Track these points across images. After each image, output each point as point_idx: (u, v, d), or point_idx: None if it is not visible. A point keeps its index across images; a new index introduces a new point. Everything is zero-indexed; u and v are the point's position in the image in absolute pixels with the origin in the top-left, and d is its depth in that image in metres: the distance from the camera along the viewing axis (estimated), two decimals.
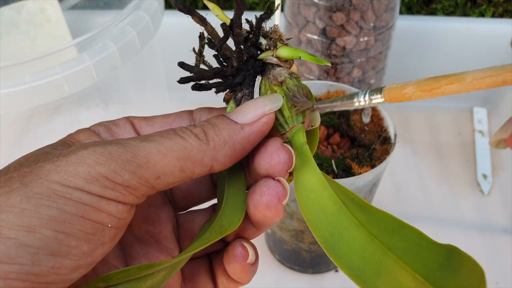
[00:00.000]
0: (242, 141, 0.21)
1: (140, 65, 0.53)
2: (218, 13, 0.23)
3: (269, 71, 0.23)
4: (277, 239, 0.51)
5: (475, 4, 0.69)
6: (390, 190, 0.61)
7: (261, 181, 0.21)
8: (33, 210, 0.17)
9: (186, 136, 0.20)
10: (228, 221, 0.22)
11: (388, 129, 0.45)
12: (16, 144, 0.55)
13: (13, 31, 0.53)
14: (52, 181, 0.17)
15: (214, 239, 0.21)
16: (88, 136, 0.22)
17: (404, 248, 0.20)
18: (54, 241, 0.17)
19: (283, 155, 0.21)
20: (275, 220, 0.22)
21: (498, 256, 0.54)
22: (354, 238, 0.20)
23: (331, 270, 0.53)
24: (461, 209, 0.59)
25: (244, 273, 0.23)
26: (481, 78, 0.17)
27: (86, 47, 0.42)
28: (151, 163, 0.19)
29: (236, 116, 0.21)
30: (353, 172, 0.43)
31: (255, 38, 0.23)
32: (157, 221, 0.25)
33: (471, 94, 0.71)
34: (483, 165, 0.63)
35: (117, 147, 0.19)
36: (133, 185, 0.18)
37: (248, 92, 0.23)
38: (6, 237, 0.16)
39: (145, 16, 0.45)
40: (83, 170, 0.18)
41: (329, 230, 0.20)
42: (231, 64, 0.23)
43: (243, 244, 0.23)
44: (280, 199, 0.21)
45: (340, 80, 0.56)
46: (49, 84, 0.40)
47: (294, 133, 0.22)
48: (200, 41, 0.23)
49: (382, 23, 0.53)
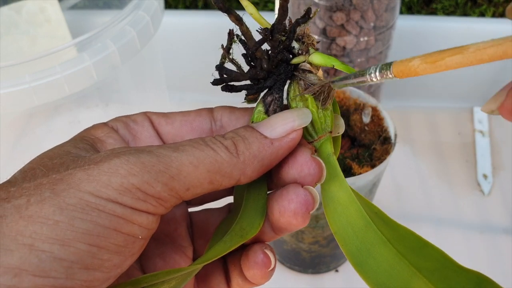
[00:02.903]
0: (271, 156, 0.21)
1: (140, 65, 0.53)
2: (252, 11, 0.22)
3: (300, 77, 0.22)
4: (277, 239, 0.51)
5: (475, 4, 0.69)
6: (390, 190, 0.61)
7: (290, 188, 0.21)
8: (67, 222, 0.16)
9: (217, 148, 0.20)
10: (249, 224, 0.21)
11: (388, 129, 0.45)
12: (16, 144, 0.55)
13: (13, 31, 0.53)
14: (84, 191, 0.17)
15: (236, 244, 0.21)
16: (107, 133, 0.22)
17: (432, 270, 0.20)
18: (87, 254, 0.17)
19: (314, 168, 0.21)
20: (299, 227, 0.21)
21: (498, 256, 0.54)
22: (382, 255, 0.20)
23: (331, 270, 0.53)
24: (461, 209, 0.59)
25: (264, 278, 0.22)
26: (483, 48, 0.16)
27: (85, 47, 0.42)
28: (183, 175, 0.19)
29: (265, 129, 0.21)
30: (353, 172, 0.43)
31: (288, 41, 0.22)
32: (172, 220, 0.24)
33: (471, 94, 0.71)
34: (483, 165, 0.63)
35: (149, 156, 0.18)
36: (164, 196, 0.18)
37: (278, 97, 0.23)
38: (40, 250, 0.16)
39: (145, 16, 0.45)
40: (116, 180, 0.17)
41: (357, 245, 0.20)
42: (261, 65, 0.22)
43: (265, 251, 0.22)
44: (309, 208, 0.21)
45: None
46: (49, 84, 0.40)
47: (322, 143, 0.22)
48: (230, 38, 0.23)
49: (382, 23, 0.53)
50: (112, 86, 0.52)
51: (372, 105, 0.47)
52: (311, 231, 0.46)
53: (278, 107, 0.23)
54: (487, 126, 0.68)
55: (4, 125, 0.47)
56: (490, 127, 0.68)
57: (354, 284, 0.52)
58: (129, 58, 0.44)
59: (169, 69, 0.62)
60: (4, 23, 0.53)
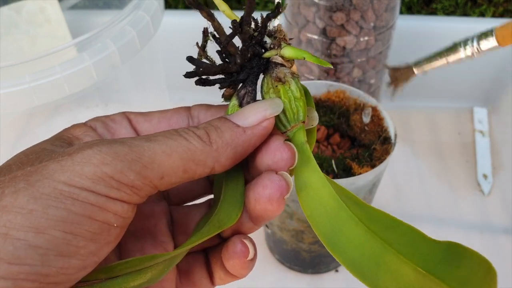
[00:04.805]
0: (243, 144, 0.21)
1: (140, 65, 0.53)
2: (224, 8, 0.23)
3: (272, 70, 0.23)
4: (277, 239, 0.51)
5: (475, 4, 0.69)
6: (390, 190, 0.61)
7: (264, 175, 0.21)
8: (41, 211, 0.17)
9: (190, 137, 0.20)
10: (226, 215, 0.22)
11: (388, 129, 0.45)
12: (16, 144, 0.55)
13: (13, 31, 0.53)
14: (58, 181, 0.17)
15: (212, 233, 0.21)
16: (85, 131, 0.22)
17: (404, 244, 0.20)
18: (62, 242, 0.17)
19: (286, 153, 0.21)
20: (275, 214, 0.22)
21: (498, 256, 0.54)
22: (354, 234, 0.21)
23: (331, 270, 0.53)
24: (461, 209, 0.59)
25: (243, 269, 0.23)
26: None
27: (85, 47, 0.42)
28: (156, 163, 0.19)
29: (237, 119, 0.22)
30: (353, 172, 0.43)
31: (260, 36, 0.23)
32: (151, 215, 0.25)
33: (471, 94, 0.71)
34: (483, 165, 0.63)
35: (122, 146, 0.19)
36: (138, 185, 0.19)
37: (251, 90, 0.23)
38: (15, 238, 0.16)
39: (145, 16, 0.45)
40: (89, 170, 0.18)
41: (330, 225, 0.21)
42: (234, 61, 0.23)
43: (243, 241, 0.23)
44: (283, 193, 0.21)
45: (340, 80, 0.56)
46: (49, 84, 0.40)
47: (295, 132, 0.23)
48: (204, 36, 0.23)
49: (382, 23, 0.53)
50: (112, 86, 0.52)
51: (372, 105, 0.47)
52: (311, 231, 0.46)
53: (252, 100, 0.23)
54: (487, 126, 0.68)
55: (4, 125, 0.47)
56: (490, 127, 0.68)
57: (354, 284, 0.52)
58: (129, 58, 0.44)
59: (169, 69, 0.62)
60: (4, 23, 0.53)
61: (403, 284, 0.20)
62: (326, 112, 0.49)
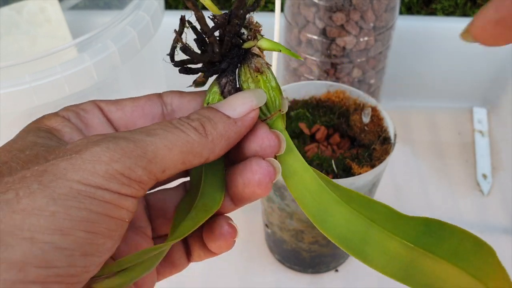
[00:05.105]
0: (235, 135, 0.22)
1: (140, 65, 0.53)
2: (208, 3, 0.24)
3: (250, 60, 0.24)
4: (277, 239, 0.51)
5: (475, 4, 0.69)
6: (390, 190, 0.61)
7: (253, 160, 0.22)
8: (63, 212, 0.17)
9: (187, 130, 0.21)
10: (211, 200, 0.23)
11: (388, 129, 0.45)
12: None
13: (13, 31, 0.53)
14: (72, 180, 0.17)
15: (203, 219, 0.22)
16: (62, 122, 0.22)
17: (384, 220, 0.22)
18: (86, 241, 0.17)
19: (273, 140, 0.23)
20: (262, 196, 0.23)
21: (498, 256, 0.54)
22: (338, 212, 0.23)
23: (331, 270, 0.53)
24: (461, 209, 0.59)
25: (228, 248, 0.24)
26: None
27: (86, 47, 0.42)
28: (159, 158, 0.19)
29: (226, 109, 0.22)
30: (353, 172, 0.43)
31: (238, 27, 0.24)
32: None
33: (471, 94, 0.71)
34: (483, 165, 0.63)
35: (127, 142, 0.19)
36: (145, 180, 0.19)
37: (232, 79, 0.24)
38: (42, 242, 0.16)
39: (145, 16, 0.45)
40: (101, 168, 0.18)
41: (315, 206, 0.23)
42: (212, 50, 0.24)
43: (230, 222, 0.23)
44: (272, 178, 0.22)
45: (340, 80, 0.56)
46: (49, 84, 0.40)
47: (274, 120, 0.24)
48: (182, 24, 0.24)
49: (382, 23, 0.53)
50: (112, 86, 0.52)
51: (371, 105, 0.47)
52: (310, 231, 0.46)
53: (233, 88, 0.24)
54: (486, 126, 0.69)
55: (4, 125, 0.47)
56: (490, 127, 0.68)
57: (354, 283, 0.52)
58: (129, 58, 0.44)
59: (169, 69, 0.62)
60: (5, 23, 0.53)
61: (391, 256, 0.21)
62: (326, 112, 0.49)
